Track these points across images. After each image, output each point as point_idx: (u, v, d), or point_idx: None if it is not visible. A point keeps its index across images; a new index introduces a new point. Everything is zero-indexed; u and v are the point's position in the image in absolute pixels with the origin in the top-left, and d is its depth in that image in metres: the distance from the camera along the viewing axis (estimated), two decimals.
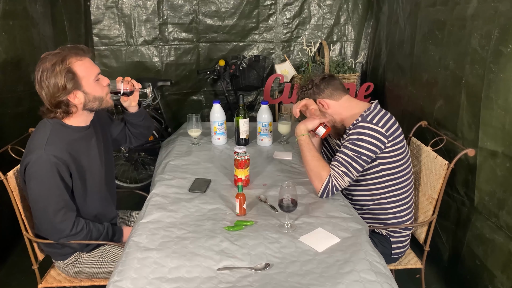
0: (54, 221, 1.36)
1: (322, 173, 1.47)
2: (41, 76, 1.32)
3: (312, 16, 3.13)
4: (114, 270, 1.13)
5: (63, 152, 1.34)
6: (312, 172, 1.49)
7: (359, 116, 1.51)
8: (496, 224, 1.58)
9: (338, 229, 1.30)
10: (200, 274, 1.10)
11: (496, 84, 1.52)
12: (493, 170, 1.57)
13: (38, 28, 2.36)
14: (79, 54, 1.35)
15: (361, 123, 1.47)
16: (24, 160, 1.33)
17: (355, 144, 1.46)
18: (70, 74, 1.32)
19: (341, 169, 1.46)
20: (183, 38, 3.12)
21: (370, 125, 1.46)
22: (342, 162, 1.47)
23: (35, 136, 1.37)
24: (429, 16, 2.07)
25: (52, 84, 1.31)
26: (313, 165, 1.50)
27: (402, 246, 1.64)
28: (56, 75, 1.30)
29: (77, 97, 1.36)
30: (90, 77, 1.37)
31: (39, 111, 1.41)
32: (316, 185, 1.48)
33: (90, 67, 1.38)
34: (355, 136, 1.47)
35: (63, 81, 1.31)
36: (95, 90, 1.38)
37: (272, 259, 1.16)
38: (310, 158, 1.52)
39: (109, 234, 1.49)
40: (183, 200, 1.48)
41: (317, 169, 1.48)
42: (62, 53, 1.33)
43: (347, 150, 1.47)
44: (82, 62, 1.36)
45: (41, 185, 1.32)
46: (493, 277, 1.60)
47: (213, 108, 2.01)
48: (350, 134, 1.49)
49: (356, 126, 1.48)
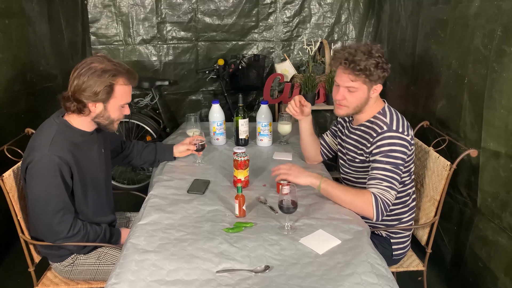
0: (52, 222, 1.35)
1: (365, 198, 1.37)
2: (87, 70, 1.34)
3: (313, 15, 3.11)
4: (112, 273, 1.12)
5: (66, 153, 1.35)
6: (356, 203, 1.39)
7: (382, 123, 1.43)
8: (499, 226, 1.56)
9: (339, 231, 1.29)
10: (199, 276, 1.09)
11: (499, 83, 1.51)
12: (496, 171, 1.55)
13: (34, 27, 2.34)
14: (129, 80, 1.41)
15: (389, 132, 1.40)
16: (27, 159, 1.34)
17: (389, 156, 1.39)
18: (109, 89, 1.36)
19: (384, 184, 1.38)
20: (182, 37, 3.10)
21: (398, 134, 1.40)
22: (382, 178, 1.38)
23: (40, 134, 1.37)
24: (431, 14, 2.06)
25: (89, 84, 1.34)
26: (351, 197, 1.40)
27: (403, 247, 1.62)
28: (99, 80, 1.33)
29: (96, 106, 1.39)
30: (120, 102, 1.41)
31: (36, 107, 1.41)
32: (367, 212, 1.38)
33: (126, 94, 1.43)
34: (387, 148, 1.40)
35: (100, 90, 1.34)
36: (114, 112, 1.42)
37: (272, 262, 1.15)
38: (343, 194, 1.41)
39: (106, 236, 1.49)
40: (182, 202, 1.47)
41: (358, 198, 1.39)
42: (118, 69, 1.37)
43: (382, 164, 1.39)
44: (125, 87, 1.41)
45: (42, 185, 1.32)
46: (496, 280, 1.59)
47: (212, 108, 2.01)
48: (379, 145, 1.41)
49: (384, 137, 1.41)
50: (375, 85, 1.45)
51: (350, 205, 1.41)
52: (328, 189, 1.43)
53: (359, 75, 1.40)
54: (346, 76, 1.43)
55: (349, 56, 1.40)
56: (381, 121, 1.45)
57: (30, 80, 2.30)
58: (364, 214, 1.40)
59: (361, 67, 1.38)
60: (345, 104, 1.49)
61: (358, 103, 1.47)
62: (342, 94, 1.47)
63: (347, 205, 1.42)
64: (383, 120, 1.45)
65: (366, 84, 1.43)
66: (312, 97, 2.72)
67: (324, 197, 1.49)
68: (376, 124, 1.47)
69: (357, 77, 1.41)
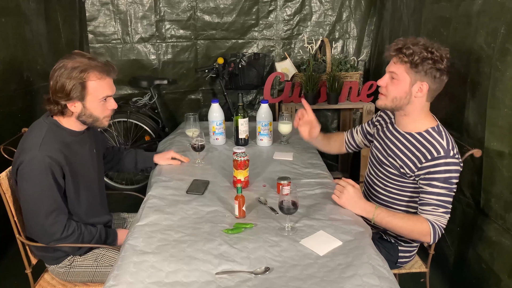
0: (45, 224, 1.34)
1: (423, 227, 1.33)
2: (58, 70, 1.33)
3: (314, 13, 3.09)
4: (110, 275, 1.11)
5: (57, 153, 1.33)
6: (414, 232, 1.36)
7: (439, 146, 1.34)
8: (502, 227, 1.55)
9: (340, 232, 1.28)
10: (198, 278, 1.09)
11: (503, 82, 1.49)
12: (499, 171, 1.54)
13: (31, 25, 2.33)
14: (102, 72, 1.36)
15: (447, 159, 1.33)
16: (17, 160, 1.32)
17: (446, 182, 1.33)
18: (80, 86, 1.33)
19: (440, 211, 1.34)
20: (181, 35, 3.08)
21: (455, 160, 1.34)
22: (438, 204, 1.34)
23: (30, 135, 1.36)
24: (433, 12, 2.05)
25: (61, 84, 1.32)
26: (408, 227, 1.35)
27: (408, 256, 1.61)
28: (68, 79, 1.32)
29: (75, 106, 1.37)
30: (98, 97, 1.38)
31: (33, 106, 1.40)
32: (425, 239, 1.36)
33: (103, 87, 1.38)
34: (444, 175, 1.33)
35: (70, 88, 1.32)
36: (95, 109, 1.39)
37: (272, 263, 1.14)
38: (401, 223, 1.36)
39: (102, 236, 1.47)
40: (181, 202, 1.46)
41: (416, 227, 1.34)
42: (88, 63, 1.34)
43: (438, 189, 1.33)
44: (99, 81, 1.36)
45: (33, 186, 1.31)
46: (500, 281, 1.57)
47: (212, 108, 1.99)
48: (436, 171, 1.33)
49: (441, 163, 1.33)
50: (420, 81, 1.35)
51: (407, 234, 1.39)
52: (384, 217, 1.37)
53: (404, 61, 1.33)
54: (391, 61, 1.39)
55: (403, 42, 1.36)
56: (438, 143, 1.36)
57: (27, 79, 2.29)
58: (420, 241, 1.45)
59: (409, 52, 1.32)
60: (384, 92, 1.42)
61: (397, 95, 1.38)
62: (384, 80, 1.41)
63: (404, 234, 1.40)
64: (440, 142, 1.36)
65: (409, 75, 1.35)
66: (313, 97, 2.70)
67: (325, 198, 1.48)
68: (431, 145, 1.37)
69: (400, 62, 1.35)
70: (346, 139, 1.78)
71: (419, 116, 1.42)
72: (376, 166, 1.58)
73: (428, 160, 1.35)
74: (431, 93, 1.38)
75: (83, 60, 1.34)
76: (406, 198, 1.49)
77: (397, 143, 1.48)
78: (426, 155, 1.36)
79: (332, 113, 3.28)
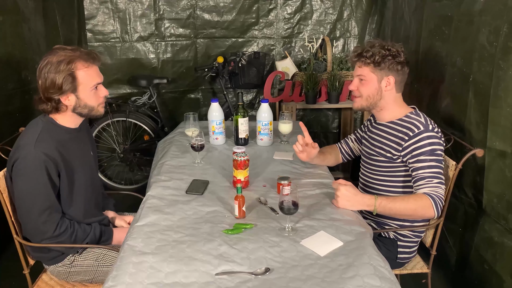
0: (38, 221, 1.34)
1: (424, 202, 1.36)
2: (44, 67, 1.34)
3: (314, 11, 3.08)
4: (109, 275, 1.10)
5: (53, 150, 1.34)
6: (418, 210, 1.38)
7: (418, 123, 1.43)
8: (505, 227, 1.54)
9: (341, 232, 1.27)
10: (197, 279, 1.08)
11: (505, 81, 1.49)
12: (502, 171, 1.53)
13: (29, 23, 2.32)
14: (88, 61, 1.38)
15: (428, 132, 1.42)
16: (13, 157, 1.33)
17: (432, 154, 1.41)
18: (71, 78, 1.34)
19: (434, 182, 1.39)
20: (180, 34, 3.06)
21: (435, 134, 1.43)
22: (430, 175, 1.39)
23: (26, 133, 1.37)
24: (435, 11, 2.04)
25: (50, 80, 1.33)
26: (411, 206, 1.38)
27: (409, 252, 1.60)
28: (57, 73, 1.33)
29: (69, 99, 1.38)
30: (89, 85, 1.39)
31: (31, 105, 1.42)
32: (429, 215, 1.39)
33: (92, 75, 1.40)
34: (429, 148, 1.41)
35: (61, 82, 1.33)
36: (88, 98, 1.40)
37: (272, 264, 1.13)
38: (403, 205, 1.38)
39: (96, 235, 1.46)
40: (180, 202, 1.45)
41: (418, 204, 1.37)
42: (72, 54, 1.35)
43: (427, 162, 1.40)
44: (87, 69, 1.38)
45: (28, 182, 1.31)
46: (502, 282, 1.56)
47: (211, 107, 1.98)
48: (420, 146, 1.41)
49: (424, 137, 1.41)
50: (386, 76, 1.48)
51: (412, 214, 1.42)
52: (386, 205, 1.38)
53: (367, 63, 1.48)
54: (356, 66, 1.53)
55: (361, 48, 1.51)
56: (417, 121, 1.45)
57: (25, 78, 2.28)
58: (426, 217, 1.46)
59: (369, 54, 1.47)
60: (357, 94, 1.54)
61: (370, 93, 1.50)
62: (354, 84, 1.54)
63: (409, 215, 1.44)
64: (419, 120, 1.46)
65: (375, 73, 1.48)
66: (313, 96, 2.69)
67: (325, 198, 1.47)
68: (412, 124, 1.45)
69: (364, 65, 1.49)
70: (342, 149, 1.82)
71: (394, 107, 1.53)
72: (366, 161, 1.65)
73: (411, 137, 1.44)
74: (398, 84, 1.51)
75: (66, 52, 1.35)
76: (400, 184, 1.53)
77: (380, 133, 1.58)
78: (408, 133, 1.45)
79: (333, 113, 3.27)
